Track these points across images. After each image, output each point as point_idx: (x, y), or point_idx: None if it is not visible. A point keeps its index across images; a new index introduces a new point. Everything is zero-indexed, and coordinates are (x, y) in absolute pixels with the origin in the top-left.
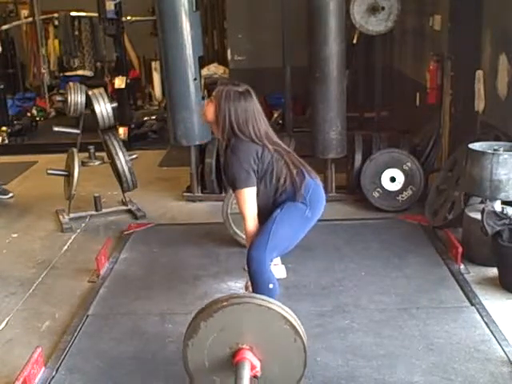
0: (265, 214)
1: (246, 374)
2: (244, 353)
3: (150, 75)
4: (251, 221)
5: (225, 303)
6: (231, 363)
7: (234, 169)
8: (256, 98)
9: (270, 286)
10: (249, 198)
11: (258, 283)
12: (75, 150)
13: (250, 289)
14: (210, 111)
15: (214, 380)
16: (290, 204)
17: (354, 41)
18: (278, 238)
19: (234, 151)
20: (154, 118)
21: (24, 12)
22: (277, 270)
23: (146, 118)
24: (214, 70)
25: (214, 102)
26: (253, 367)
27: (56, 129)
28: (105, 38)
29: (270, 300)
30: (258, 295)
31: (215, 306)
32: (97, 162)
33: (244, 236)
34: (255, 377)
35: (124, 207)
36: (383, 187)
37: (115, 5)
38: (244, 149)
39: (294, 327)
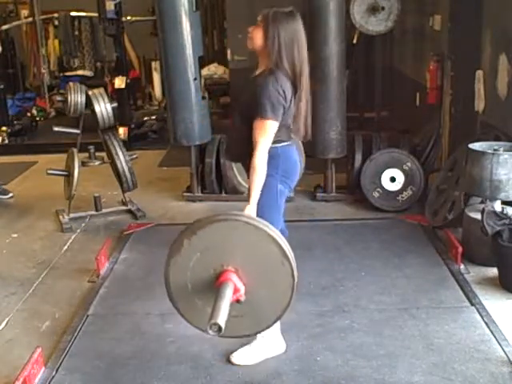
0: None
1: (228, 294)
2: (228, 274)
3: (150, 75)
4: (263, 154)
5: (210, 220)
6: (214, 286)
7: (268, 93)
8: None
9: None
10: (270, 132)
11: None
12: (75, 150)
13: None
14: (258, 36)
15: (195, 303)
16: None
17: (354, 41)
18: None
19: (277, 79)
20: (154, 117)
21: (24, 12)
22: None
23: (146, 118)
24: (214, 69)
25: (261, 25)
26: (236, 290)
27: (56, 129)
28: (105, 38)
29: (259, 220)
30: (246, 214)
31: (199, 223)
32: (97, 162)
33: (247, 186)
34: (238, 301)
35: (124, 207)
36: (383, 187)
37: (115, 5)
38: (284, 82)
39: (282, 249)
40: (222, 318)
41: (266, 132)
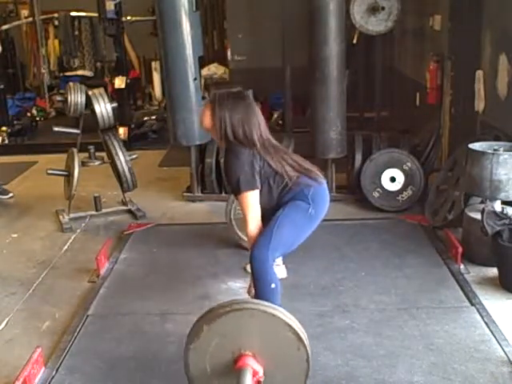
0: (268, 215)
1: (247, 383)
2: (246, 359)
3: (150, 75)
4: (254, 224)
5: (228, 308)
6: (233, 369)
7: (237, 171)
8: (253, 100)
9: (272, 285)
10: (252, 202)
11: (260, 282)
12: (75, 150)
13: (253, 292)
14: (207, 117)
15: None
16: (292, 203)
17: (354, 41)
18: (280, 237)
19: (237, 154)
20: (154, 118)
21: (24, 12)
22: (278, 270)
23: (146, 118)
24: (214, 69)
25: (209, 107)
26: (255, 373)
27: (56, 129)
28: (105, 38)
29: (275, 307)
30: (262, 301)
31: (219, 310)
32: (97, 162)
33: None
34: (259, 382)
35: (124, 207)
36: (383, 187)
37: (115, 5)
38: (245, 152)
39: (298, 335)
40: None
41: (250, 204)
